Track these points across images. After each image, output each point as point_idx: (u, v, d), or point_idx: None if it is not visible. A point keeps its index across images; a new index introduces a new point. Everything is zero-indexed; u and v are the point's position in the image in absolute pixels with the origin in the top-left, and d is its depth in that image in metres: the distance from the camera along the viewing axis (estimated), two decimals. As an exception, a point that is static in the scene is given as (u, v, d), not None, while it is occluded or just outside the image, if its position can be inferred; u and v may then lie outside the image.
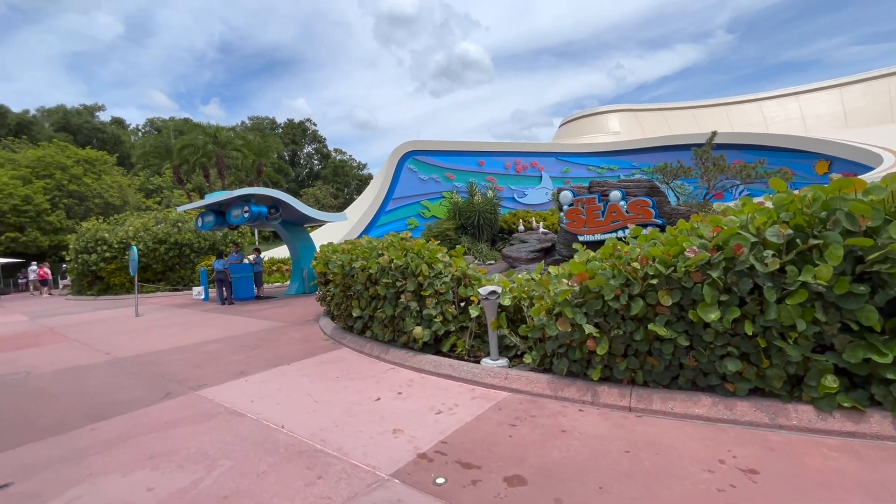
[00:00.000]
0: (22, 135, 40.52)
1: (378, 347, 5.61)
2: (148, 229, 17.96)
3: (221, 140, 26.16)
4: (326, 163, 66.13)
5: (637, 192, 10.67)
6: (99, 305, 15.10)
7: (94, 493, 2.79)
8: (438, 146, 27.19)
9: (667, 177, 16.52)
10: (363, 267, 5.72)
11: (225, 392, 4.62)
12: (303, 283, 15.10)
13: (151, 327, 9.44)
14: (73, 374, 5.82)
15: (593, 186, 11.78)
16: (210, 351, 6.67)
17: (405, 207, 25.94)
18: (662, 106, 41.13)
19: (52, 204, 31.11)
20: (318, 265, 8.61)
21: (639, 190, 10.70)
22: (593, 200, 11.12)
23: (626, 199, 10.70)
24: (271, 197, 13.22)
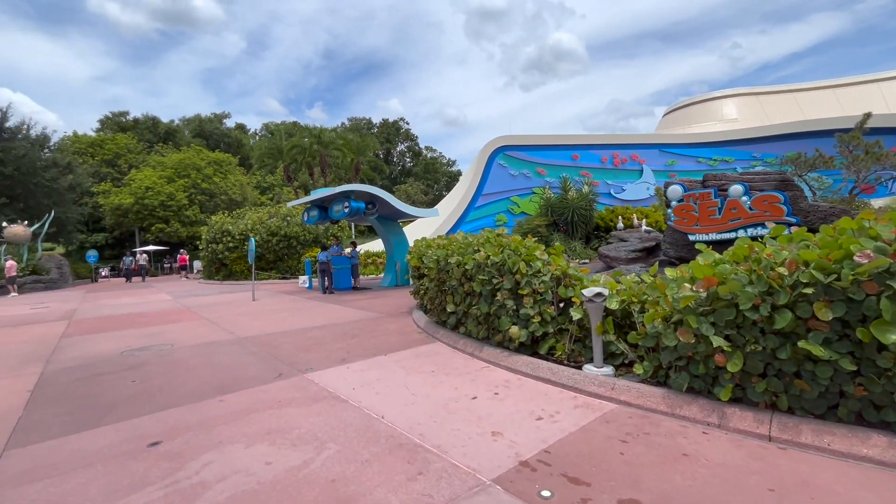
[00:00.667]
0: (168, 141, 47.78)
1: (472, 344, 5.55)
2: (263, 223, 20.02)
3: (325, 140, 28.29)
4: (418, 160, 68.38)
5: (764, 185, 9.32)
6: (223, 289, 17.18)
7: (223, 460, 3.07)
8: (530, 140, 26.55)
9: (800, 168, 14.27)
10: (459, 263, 5.69)
11: (329, 377, 4.89)
12: (396, 276, 15.71)
13: (265, 311, 10.46)
14: (205, 349, 6.62)
15: (708, 180, 10.53)
16: (315, 337, 7.16)
17: (494, 203, 25.77)
18: (793, 87, 35.77)
19: (189, 200, 36.22)
20: (412, 259, 8.83)
21: (766, 183, 9.33)
22: (708, 195, 9.95)
23: (750, 195, 9.40)
24: (369, 193, 13.90)
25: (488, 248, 5.36)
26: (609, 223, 15.90)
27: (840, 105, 33.33)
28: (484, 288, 5.22)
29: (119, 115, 50.62)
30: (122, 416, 4.01)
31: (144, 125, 49.92)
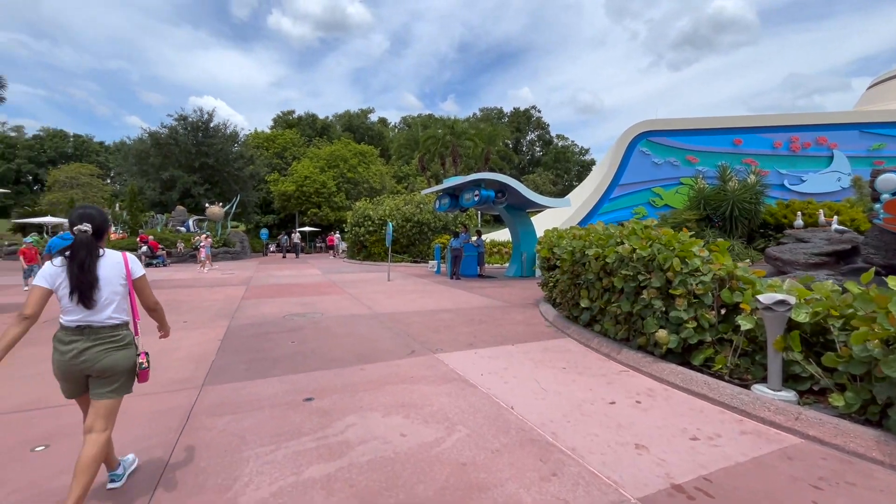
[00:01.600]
0: (323, 135, 54.31)
1: (608, 344, 5.10)
2: (399, 209, 21.48)
3: (457, 131, 29.11)
4: (548, 149, 66.31)
5: None
6: (363, 268, 18.95)
7: (363, 425, 3.29)
8: (679, 125, 23.52)
9: None
10: (598, 255, 5.25)
11: (457, 360, 4.95)
12: (521, 267, 15.47)
13: (398, 291, 11.19)
14: (348, 320, 7.31)
15: (943, 167, 8.03)
16: (443, 319, 7.38)
17: (633, 195, 23.58)
18: None
19: (337, 188, 40.73)
20: (542, 250, 8.52)
21: None
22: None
23: None
24: (499, 182, 13.85)
25: (634, 241, 4.82)
26: (781, 220, 13.25)
27: None
28: (627, 284, 4.72)
29: (287, 114, 59.17)
30: (284, 371, 4.61)
31: (306, 122, 57.48)
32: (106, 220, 2.40)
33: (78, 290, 2.20)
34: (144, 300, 2.50)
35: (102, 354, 2.26)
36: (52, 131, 68.72)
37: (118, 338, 2.32)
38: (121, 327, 2.36)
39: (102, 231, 2.37)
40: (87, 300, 2.22)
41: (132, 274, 2.41)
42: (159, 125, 30.72)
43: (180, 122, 30.32)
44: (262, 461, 2.77)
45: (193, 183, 29.42)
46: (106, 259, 2.34)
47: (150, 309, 2.58)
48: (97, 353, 2.25)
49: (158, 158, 29.32)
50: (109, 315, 2.30)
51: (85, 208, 2.35)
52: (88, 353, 2.23)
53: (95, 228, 2.31)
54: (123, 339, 2.35)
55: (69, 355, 2.21)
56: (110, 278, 2.32)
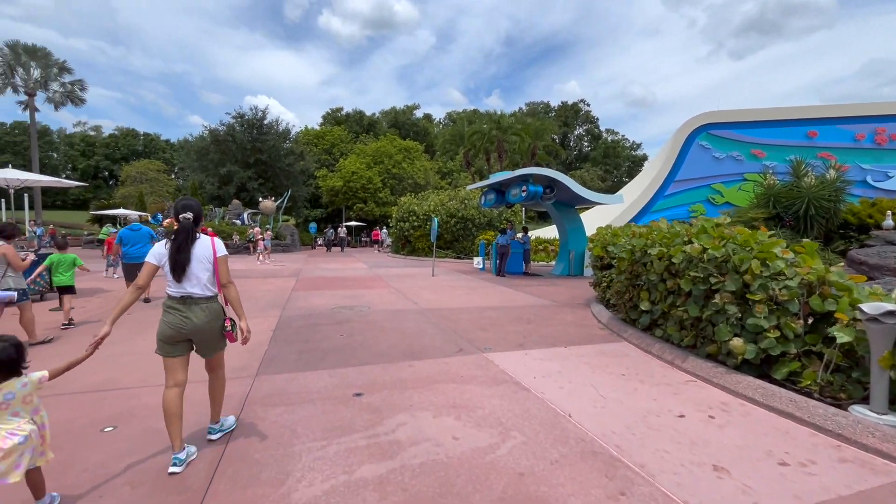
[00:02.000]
0: (370, 132, 55.38)
1: (671, 351, 4.73)
2: (443, 205, 21.44)
3: (503, 125, 28.64)
4: (597, 144, 64.13)
5: None
6: (407, 263, 19.08)
7: (414, 425, 3.19)
8: (744, 116, 21.87)
9: None
10: (662, 255, 4.88)
11: (508, 361, 4.77)
12: (568, 265, 14.99)
13: (443, 287, 11.11)
14: (394, 315, 7.30)
15: None
16: (490, 317, 7.20)
17: (690, 192, 22.24)
18: None
19: (382, 183, 41.41)
20: (595, 248, 8.15)
21: None
22: None
23: None
24: (547, 177, 13.43)
25: (704, 240, 4.43)
26: (866, 220, 11.95)
27: None
28: (696, 287, 4.34)
29: (335, 111, 60.82)
30: (334, 363, 4.61)
31: (353, 118, 58.86)
32: (202, 210, 2.87)
33: (174, 267, 2.66)
34: (221, 276, 2.83)
35: (200, 319, 2.70)
36: (125, 130, 74.50)
37: (213, 309, 2.77)
38: (212, 299, 2.79)
39: (199, 219, 2.83)
40: (180, 275, 2.67)
41: (217, 252, 2.82)
42: (218, 123, 32.46)
43: (237, 119, 31.85)
44: (314, 456, 2.73)
45: (248, 178, 30.83)
46: (200, 242, 2.78)
47: (223, 285, 2.85)
48: (196, 319, 2.69)
49: (217, 154, 30.95)
50: (203, 288, 2.73)
51: (187, 200, 2.84)
52: (190, 319, 2.68)
53: (195, 217, 2.79)
54: (216, 310, 2.79)
55: (175, 319, 2.66)
56: (202, 258, 2.75)
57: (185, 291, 2.69)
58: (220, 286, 2.84)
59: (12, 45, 31.65)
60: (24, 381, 2.13)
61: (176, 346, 2.70)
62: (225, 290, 2.86)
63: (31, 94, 32.64)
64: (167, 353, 2.69)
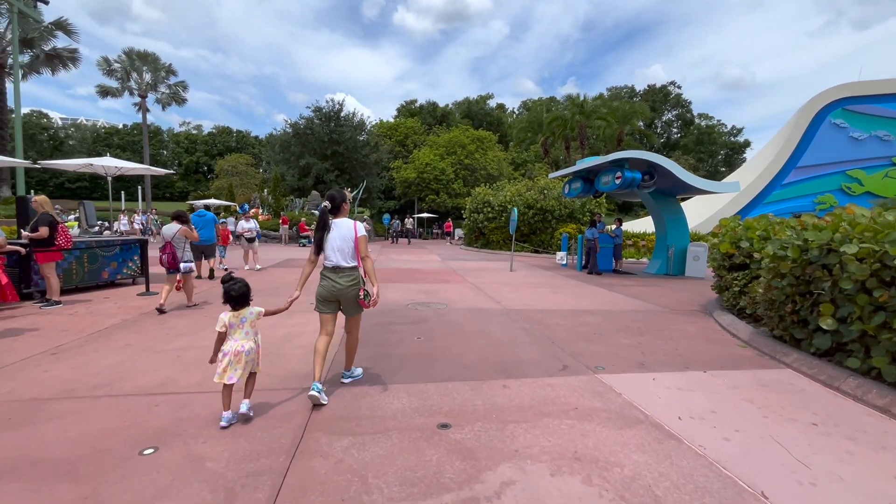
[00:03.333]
0: (443, 123, 54.96)
1: (880, 391, 3.31)
2: (521, 195, 20.18)
3: (587, 110, 26.45)
4: (688, 130, 58.26)
5: None
6: (482, 256, 18.16)
7: (526, 485, 2.25)
8: (892, 88, 17.98)
9: None
10: (865, 253, 3.45)
11: (631, 387, 3.65)
12: (666, 263, 13.16)
13: (525, 283, 10.03)
14: (476, 315, 6.40)
15: None
16: (590, 323, 6.04)
17: (816, 180, 18.84)
18: None
19: (455, 174, 40.78)
20: (723, 245, 6.63)
21: None
22: None
23: None
24: (647, 161, 11.73)
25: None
26: None
27: None
28: None
29: (409, 104, 61.22)
30: (411, 377, 3.81)
31: (426, 110, 58.82)
32: (344, 198, 3.46)
33: (317, 243, 3.38)
34: (360, 251, 3.36)
35: (346, 286, 3.32)
36: (221, 128, 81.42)
37: (353, 277, 3.34)
38: (354, 269, 3.36)
39: (338, 206, 3.42)
40: (320, 250, 3.39)
41: (357, 232, 3.37)
42: (298, 117, 33.71)
43: (316, 113, 32.83)
44: (391, 534, 1.89)
45: (326, 170, 31.71)
46: (344, 224, 3.38)
47: (362, 258, 3.39)
48: (343, 285, 3.31)
49: (297, 147, 32.18)
50: (348, 261, 3.33)
51: (331, 191, 3.45)
52: (339, 284, 3.31)
53: (334, 206, 3.42)
54: (356, 278, 3.36)
55: (328, 285, 3.33)
56: (346, 237, 3.34)
57: (336, 263, 3.32)
58: (359, 259, 3.38)
59: (128, 52, 35.32)
60: (251, 310, 2.99)
61: (328, 305, 3.38)
62: (363, 262, 3.39)
63: (143, 95, 36.28)
64: (321, 310, 3.41)
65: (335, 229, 3.34)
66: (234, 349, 2.86)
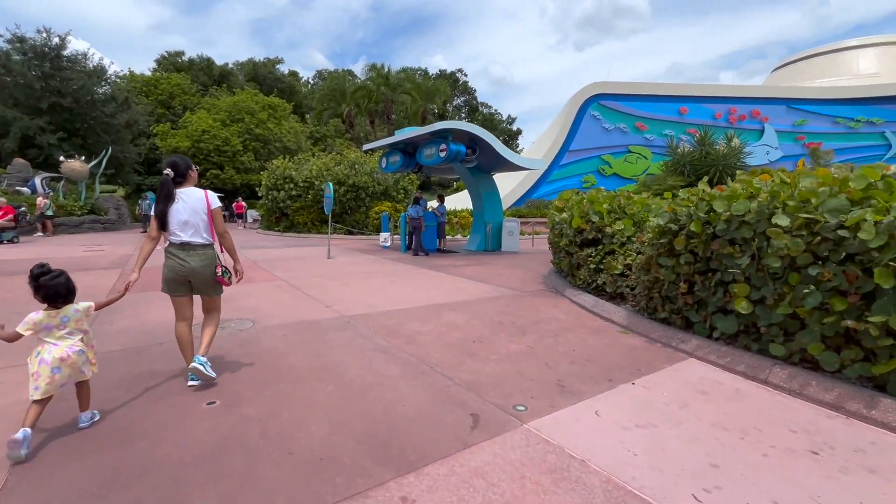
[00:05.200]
0: (222, 83, 46.16)
1: (821, 382, 2.90)
2: (329, 170, 17.81)
3: (392, 82, 25.29)
4: (474, 116, 64.17)
5: None
6: (288, 242, 15.29)
7: None
8: (630, 89, 22.55)
9: None
10: (800, 224, 2.96)
11: (583, 439, 2.43)
12: (485, 239, 13.20)
13: (352, 274, 8.22)
14: (306, 335, 4.34)
15: None
16: (458, 325, 4.75)
17: (582, 162, 22.37)
18: (953, 36, 29.06)
19: (243, 146, 34.72)
20: (575, 219, 6.22)
21: None
22: None
23: None
24: (469, 134, 11.15)
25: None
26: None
27: None
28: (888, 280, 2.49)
29: (174, 56, 49.32)
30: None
31: (199, 66, 48.38)
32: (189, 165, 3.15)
33: (160, 218, 2.99)
34: (217, 227, 3.13)
35: (197, 265, 3.05)
36: None
37: (207, 255, 3.09)
38: (208, 247, 3.11)
39: (183, 174, 3.10)
40: (163, 225, 3.01)
41: (211, 204, 3.10)
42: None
43: (15, 45, 22.52)
44: None
45: (40, 129, 22.27)
46: (193, 195, 3.07)
47: (220, 234, 3.16)
48: (193, 265, 3.04)
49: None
50: (201, 237, 3.06)
51: (173, 157, 3.14)
52: (187, 263, 3.03)
53: (178, 173, 3.07)
54: (210, 256, 3.12)
55: (174, 265, 3.04)
56: (197, 209, 3.04)
57: (185, 240, 3.00)
58: (215, 235, 3.11)
59: None
60: (76, 307, 2.52)
61: (178, 287, 3.08)
62: (222, 240, 3.17)
63: None
64: (171, 293, 3.09)
65: (181, 200, 3.00)
66: (55, 356, 2.34)
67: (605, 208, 6.11)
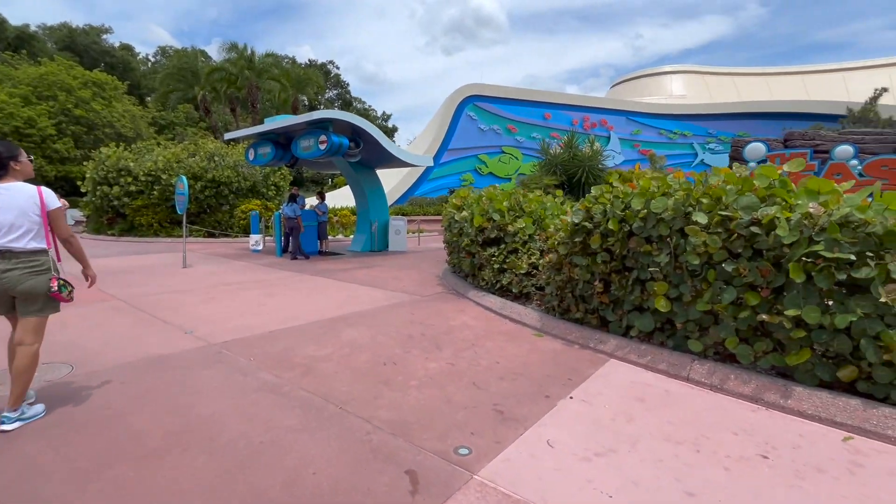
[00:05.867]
0: (21, 49, 36.45)
1: (740, 374, 2.98)
2: (180, 161, 15.06)
3: (257, 66, 22.54)
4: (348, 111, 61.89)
5: (880, 148, 7.80)
6: (126, 249, 12.46)
7: None
8: (502, 93, 23.76)
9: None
10: (717, 221, 3.00)
11: (535, 478, 2.06)
12: (371, 239, 12.47)
13: (218, 285, 6.84)
14: (156, 376, 3.22)
15: (794, 139, 8.89)
16: (363, 344, 4.06)
17: (461, 161, 22.89)
18: (732, 70, 37.22)
19: (58, 130, 27.90)
20: (476, 217, 5.97)
21: (883, 146, 7.83)
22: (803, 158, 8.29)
23: (860, 158, 7.87)
24: (352, 126, 10.29)
25: (834, 201, 2.75)
26: (617, 188, 14.22)
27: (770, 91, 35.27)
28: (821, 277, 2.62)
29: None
30: None
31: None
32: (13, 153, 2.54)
33: None
34: (60, 231, 2.65)
35: (24, 278, 2.46)
36: None
37: (35, 264, 2.52)
38: (37, 254, 2.54)
39: (3, 164, 2.50)
40: None
41: (47, 203, 2.55)
42: None
43: None
44: None
45: None
46: (20, 191, 2.50)
47: (64, 239, 2.70)
48: (18, 276, 2.45)
49: None
50: (26, 242, 2.48)
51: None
52: (9, 275, 2.44)
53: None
54: (40, 265, 2.54)
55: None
56: (25, 209, 2.48)
57: (5, 246, 2.45)
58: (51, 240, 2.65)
59: None
60: None
61: (4, 303, 2.54)
62: (67, 244, 2.74)
63: None
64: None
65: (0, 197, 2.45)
66: None
67: (504, 206, 5.97)
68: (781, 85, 35.37)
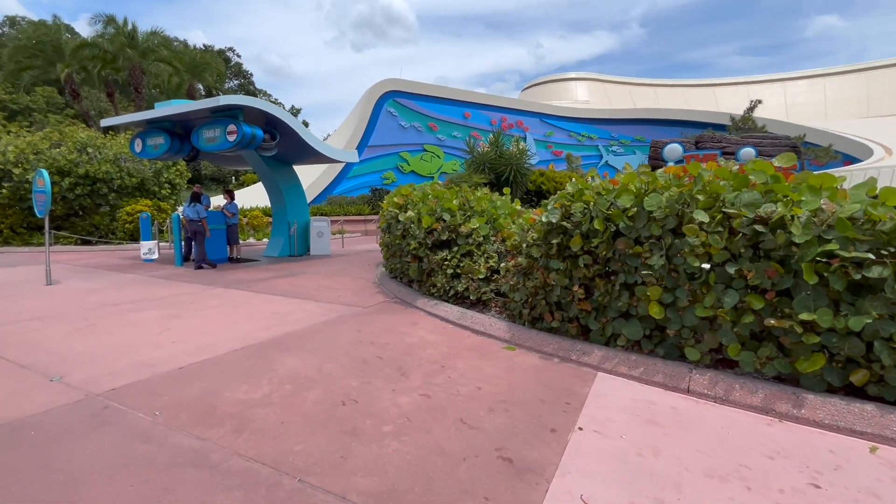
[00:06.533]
0: None
1: (746, 384, 2.77)
2: (39, 153, 12.30)
3: (141, 45, 19.37)
4: (252, 103, 57.00)
5: (775, 150, 8.67)
6: (-38, 262, 9.79)
7: None
8: (422, 90, 23.26)
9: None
10: (719, 221, 2.76)
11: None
12: (290, 242, 11.25)
13: (96, 308, 5.43)
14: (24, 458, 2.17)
15: (705, 141, 9.60)
16: (307, 375, 3.27)
17: (382, 158, 21.98)
18: (628, 80, 40.77)
19: None
20: (425, 218, 5.41)
21: (777, 149, 8.70)
22: (713, 158, 8.97)
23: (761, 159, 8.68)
24: (266, 115, 9.08)
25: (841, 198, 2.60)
26: (541, 186, 14.46)
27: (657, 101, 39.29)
28: (835, 278, 2.45)
29: None
30: None
31: None
32: None
33: None
34: None
35: None
36: None
37: None
38: None
39: None
40: None
41: None
42: None
43: None
44: None
45: None
46: None
47: None
48: None
49: None
50: None
51: None
52: None
53: None
54: None
55: None
56: None
57: None
58: None
59: None
60: None
61: None
62: None
63: None
64: None
65: None
66: None
67: (455, 205, 5.47)
68: (667, 96, 39.55)
